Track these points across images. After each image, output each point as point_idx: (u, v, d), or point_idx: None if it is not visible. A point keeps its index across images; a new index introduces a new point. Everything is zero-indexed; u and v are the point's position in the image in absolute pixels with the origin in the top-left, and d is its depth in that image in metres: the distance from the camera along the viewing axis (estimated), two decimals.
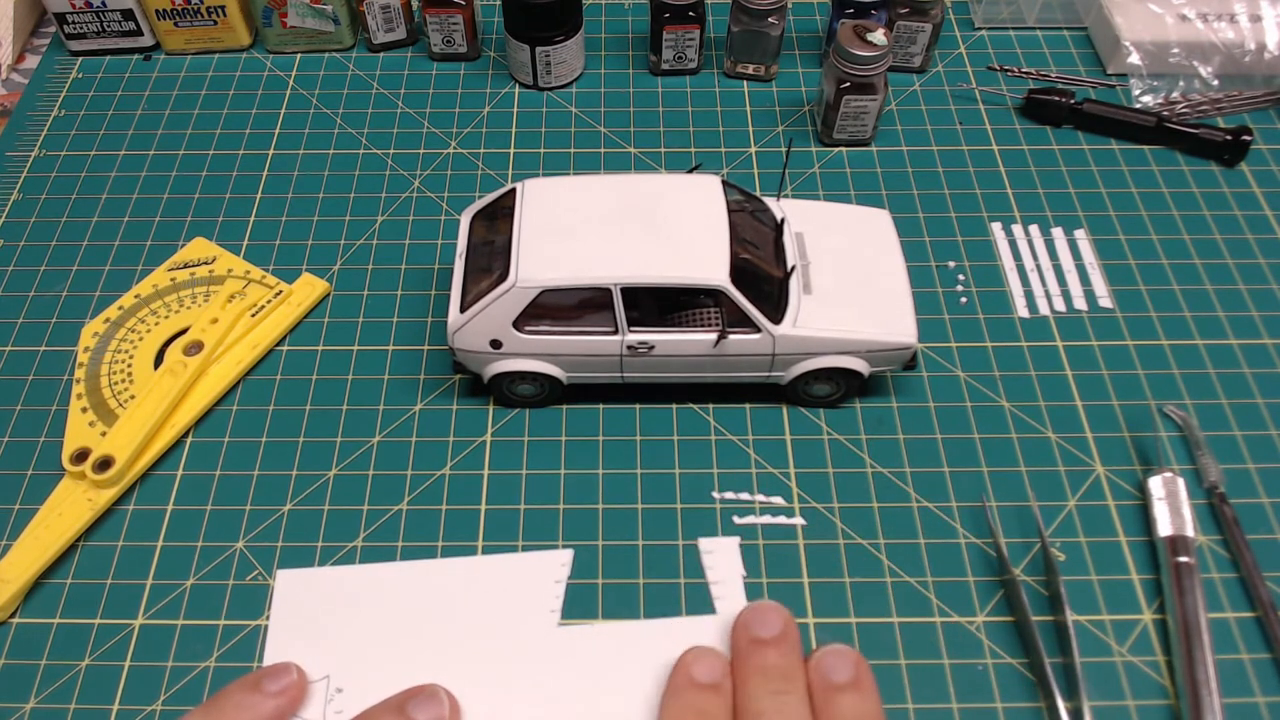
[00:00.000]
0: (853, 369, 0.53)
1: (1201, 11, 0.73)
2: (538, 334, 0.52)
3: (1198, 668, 0.46)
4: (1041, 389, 0.57)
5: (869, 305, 0.53)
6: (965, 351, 0.59)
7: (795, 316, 0.52)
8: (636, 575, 0.50)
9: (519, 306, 0.51)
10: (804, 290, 0.53)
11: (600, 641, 0.48)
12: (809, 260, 0.55)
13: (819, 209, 0.58)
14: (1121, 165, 0.69)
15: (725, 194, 0.54)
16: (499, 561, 0.51)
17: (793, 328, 0.52)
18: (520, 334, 0.52)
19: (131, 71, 0.76)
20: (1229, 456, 0.54)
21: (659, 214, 0.52)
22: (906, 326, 0.53)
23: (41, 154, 0.70)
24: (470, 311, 0.52)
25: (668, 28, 0.71)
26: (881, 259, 0.56)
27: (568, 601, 0.49)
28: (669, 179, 0.55)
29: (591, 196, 0.54)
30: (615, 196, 0.53)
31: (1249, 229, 0.65)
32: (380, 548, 0.51)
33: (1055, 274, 0.63)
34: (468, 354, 0.53)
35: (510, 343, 0.52)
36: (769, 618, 0.44)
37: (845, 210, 0.59)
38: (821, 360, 0.53)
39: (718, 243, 0.51)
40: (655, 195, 0.54)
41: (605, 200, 0.53)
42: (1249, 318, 0.60)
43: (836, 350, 0.53)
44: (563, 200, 0.54)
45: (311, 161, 0.69)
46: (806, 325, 0.52)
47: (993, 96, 0.73)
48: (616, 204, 0.53)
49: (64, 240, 0.65)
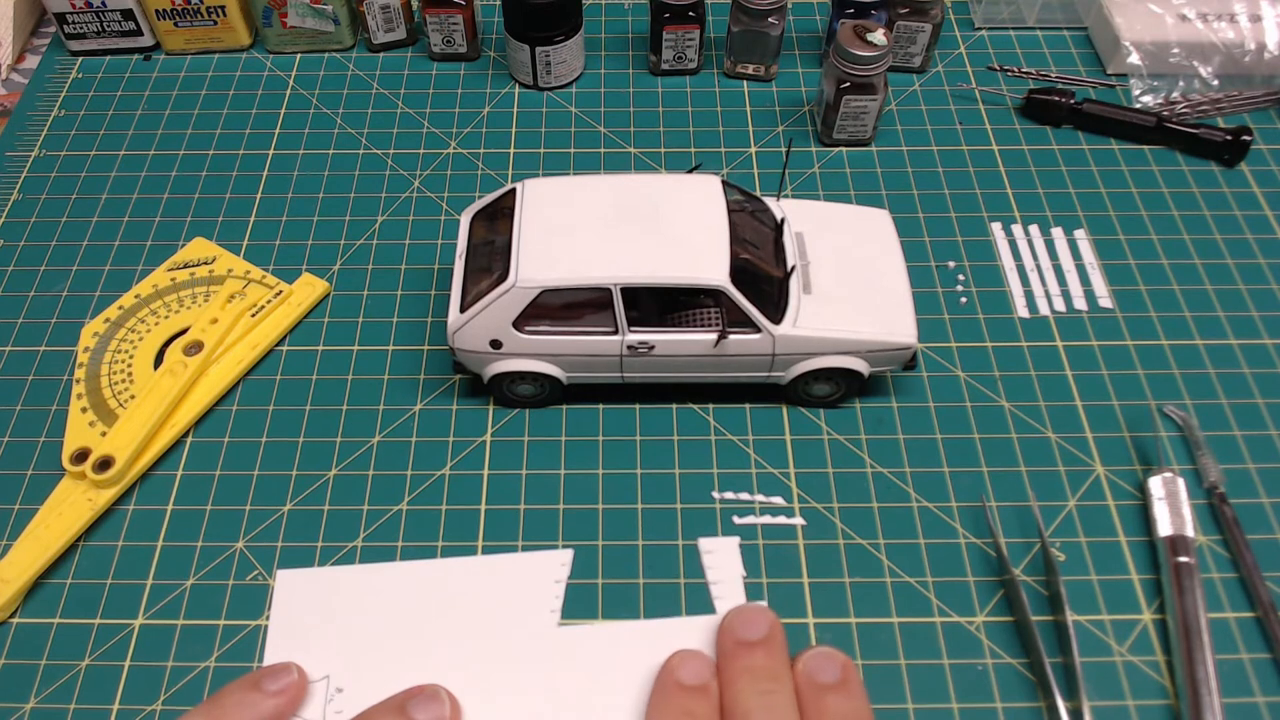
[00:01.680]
0: (853, 369, 0.53)
1: (1201, 11, 0.73)
2: (538, 334, 0.52)
3: (1198, 668, 0.46)
4: (1041, 389, 0.57)
5: (869, 305, 0.53)
6: (965, 351, 0.59)
7: (795, 316, 0.52)
8: (637, 575, 0.50)
9: (519, 307, 0.51)
10: (804, 290, 0.53)
11: (600, 641, 0.48)
12: (809, 260, 0.55)
13: (819, 208, 0.58)
14: (1121, 165, 0.69)
15: (725, 194, 0.54)
16: (498, 562, 0.51)
17: (793, 328, 0.52)
18: (520, 334, 0.52)
19: (131, 71, 0.76)
20: (1229, 456, 0.54)
21: (659, 214, 0.52)
22: (906, 326, 0.53)
23: (41, 154, 0.70)
24: (470, 312, 0.52)
25: (668, 28, 0.71)
26: (881, 259, 0.56)
27: (568, 601, 0.49)
28: (669, 179, 0.55)
29: (591, 197, 0.54)
30: (615, 197, 0.53)
31: (1249, 229, 0.65)
32: (380, 548, 0.51)
33: (1055, 274, 0.63)
34: (468, 354, 0.53)
35: (510, 343, 0.52)
36: (755, 619, 0.44)
37: (845, 210, 0.59)
38: (822, 360, 0.53)
39: (717, 243, 0.51)
40: (655, 195, 0.53)
41: (605, 200, 0.53)
42: (1249, 318, 0.60)
43: (836, 350, 0.53)
44: (563, 200, 0.54)
45: (311, 161, 0.69)
46: (807, 325, 0.52)
47: (993, 96, 0.73)
48: (616, 204, 0.53)
49: (64, 240, 0.65)
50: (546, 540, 0.52)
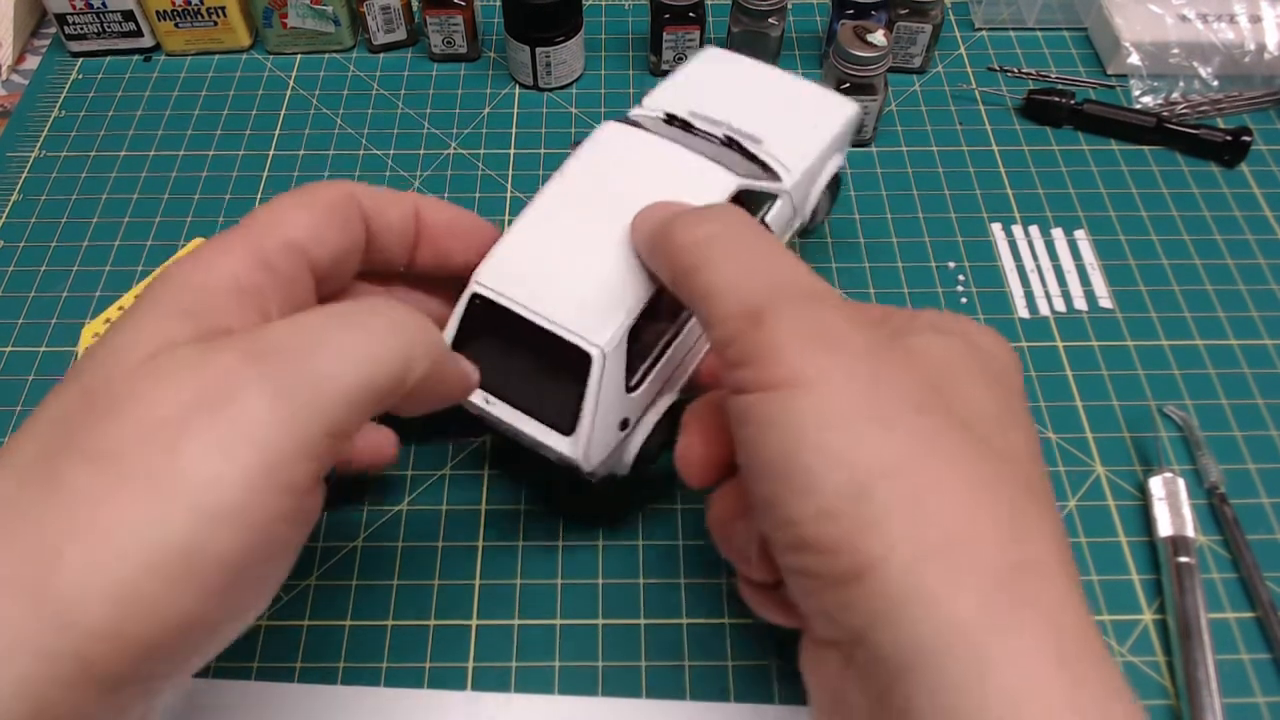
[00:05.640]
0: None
1: (1201, 12, 0.73)
2: (640, 383, 0.45)
3: (1198, 668, 0.46)
4: (1041, 389, 0.57)
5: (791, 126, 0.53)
6: None
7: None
8: (637, 575, 0.50)
9: (618, 371, 0.43)
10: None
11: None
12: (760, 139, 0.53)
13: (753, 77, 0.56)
14: (1121, 166, 0.69)
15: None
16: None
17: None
18: (631, 395, 0.45)
19: (132, 72, 0.76)
20: (1229, 456, 0.54)
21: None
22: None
23: (41, 154, 0.70)
24: (584, 421, 0.43)
25: (668, 28, 0.71)
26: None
27: (567, 601, 0.49)
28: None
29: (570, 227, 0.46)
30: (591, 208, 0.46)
31: (1249, 229, 0.65)
32: (381, 547, 0.51)
33: (1055, 274, 0.63)
34: (606, 462, 0.45)
35: (631, 408, 0.45)
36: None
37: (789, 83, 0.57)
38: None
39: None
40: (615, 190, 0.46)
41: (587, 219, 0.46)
42: (1249, 318, 0.60)
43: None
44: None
45: (311, 162, 0.69)
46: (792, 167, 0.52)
47: (993, 97, 0.73)
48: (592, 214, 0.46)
49: (64, 241, 0.65)
50: (546, 541, 0.51)
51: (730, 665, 0.47)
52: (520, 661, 0.47)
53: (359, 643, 0.48)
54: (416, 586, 0.50)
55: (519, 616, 0.49)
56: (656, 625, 0.48)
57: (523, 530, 0.52)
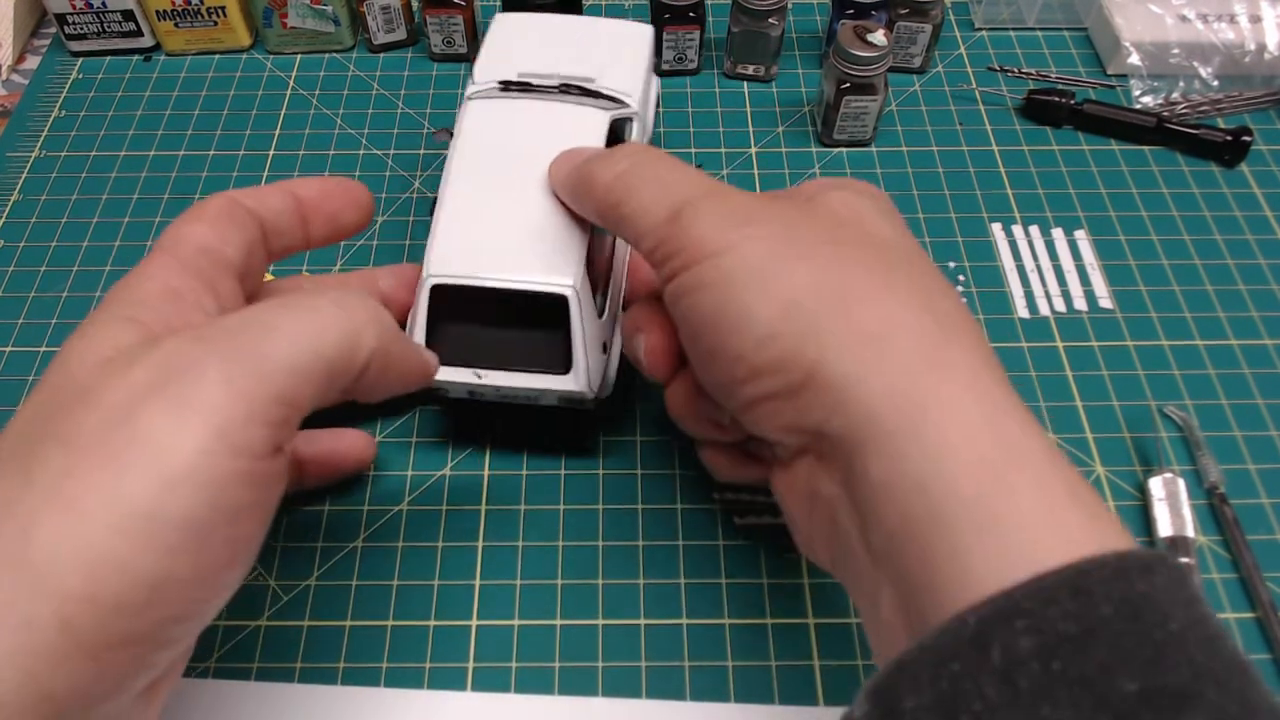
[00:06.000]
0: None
1: (1201, 12, 0.73)
2: (604, 307, 0.50)
3: None
4: (1041, 389, 0.57)
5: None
6: None
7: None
8: (637, 576, 0.50)
9: (589, 302, 0.48)
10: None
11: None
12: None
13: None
14: (1121, 166, 0.69)
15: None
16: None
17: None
18: (602, 320, 0.50)
19: (132, 72, 0.76)
20: (1229, 457, 0.54)
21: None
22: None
23: (42, 154, 0.70)
24: (577, 355, 0.47)
25: (668, 28, 0.71)
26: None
27: (567, 601, 0.49)
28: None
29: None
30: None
31: (1249, 229, 0.65)
32: (381, 548, 0.51)
33: (1055, 274, 0.63)
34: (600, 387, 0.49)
35: (606, 332, 0.51)
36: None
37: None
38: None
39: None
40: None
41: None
42: (1249, 318, 0.61)
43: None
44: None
45: (311, 162, 0.69)
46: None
47: (993, 97, 0.73)
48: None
49: (64, 241, 0.65)
50: (546, 540, 0.51)
51: (730, 665, 0.47)
52: (520, 662, 0.47)
53: (359, 643, 0.48)
54: (416, 586, 0.50)
55: (519, 617, 0.49)
56: (656, 625, 0.48)
57: (523, 530, 0.52)
